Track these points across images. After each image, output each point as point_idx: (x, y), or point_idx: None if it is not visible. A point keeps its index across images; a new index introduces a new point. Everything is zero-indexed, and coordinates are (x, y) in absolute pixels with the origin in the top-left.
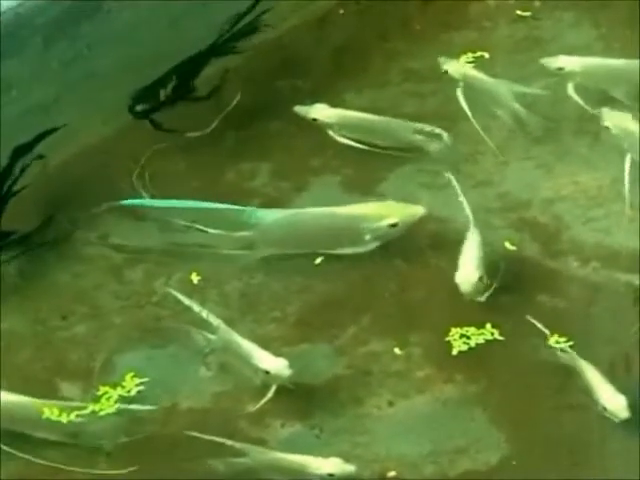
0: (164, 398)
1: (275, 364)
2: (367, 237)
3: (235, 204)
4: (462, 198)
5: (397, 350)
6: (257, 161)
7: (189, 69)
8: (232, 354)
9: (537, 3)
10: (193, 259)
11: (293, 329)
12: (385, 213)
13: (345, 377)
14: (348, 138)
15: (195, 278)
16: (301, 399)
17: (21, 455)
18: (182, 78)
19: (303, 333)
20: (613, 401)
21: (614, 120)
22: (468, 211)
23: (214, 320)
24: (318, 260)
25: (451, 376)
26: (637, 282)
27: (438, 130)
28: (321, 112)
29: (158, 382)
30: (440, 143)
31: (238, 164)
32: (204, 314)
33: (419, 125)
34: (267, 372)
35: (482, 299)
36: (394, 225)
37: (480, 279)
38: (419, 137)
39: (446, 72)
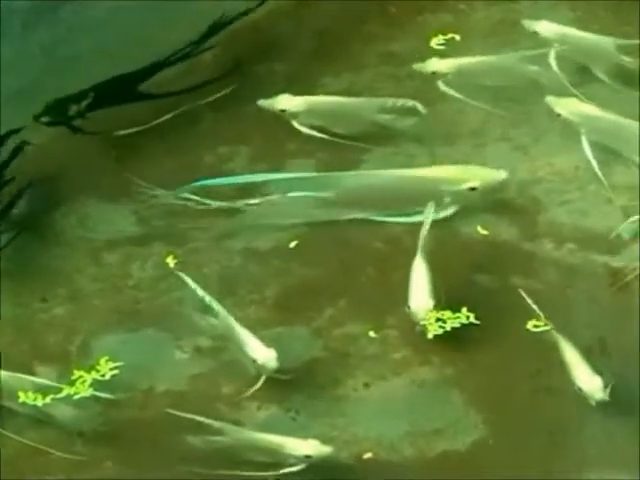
0: (141, 381)
1: (263, 354)
2: (447, 200)
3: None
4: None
5: (372, 333)
6: (235, 144)
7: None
8: (229, 339)
9: None
10: (171, 242)
11: (271, 312)
12: (465, 176)
13: (322, 359)
14: (315, 127)
15: (172, 261)
16: (278, 382)
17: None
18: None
19: (281, 316)
20: (589, 382)
21: (564, 106)
22: (422, 236)
23: (216, 305)
24: (293, 244)
25: (427, 358)
26: (613, 264)
27: (411, 103)
28: (287, 102)
29: (134, 365)
30: (412, 120)
31: (216, 147)
32: (207, 299)
33: (391, 100)
34: (254, 361)
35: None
36: (474, 189)
37: (435, 307)
38: (389, 117)
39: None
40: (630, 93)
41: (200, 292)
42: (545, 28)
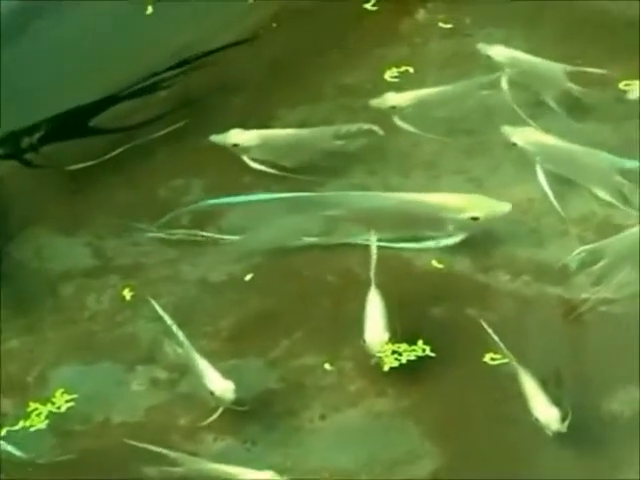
0: (97, 413)
1: (220, 386)
2: (450, 227)
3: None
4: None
5: (328, 365)
6: (189, 177)
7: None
8: (186, 371)
9: (468, 19)
10: (126, 274)
11: (226, 343)
12: (469, 205)
13: (277, 391)
14: (267, 161)
15: (128, 293)
16: (234, 413)
17: None
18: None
19: (236, 347)
20: (546, 413)
21: (520, 136)
22: (372, 274)
23: (180, 335)
24: (248, 277)
25: (383, 390)
26: (568, 295)
27: (367, 126)
28: (239, 136)
29: (91, 397)
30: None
31: (171, 180)
32: (174, 328)
33: (346, 127)
34: (212, 392)
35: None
36: (476, 218)
37: (389, 339)
38: (344, 143)
39: None
40: (577, 121)
41: (168, 321)
42: (498, 52)
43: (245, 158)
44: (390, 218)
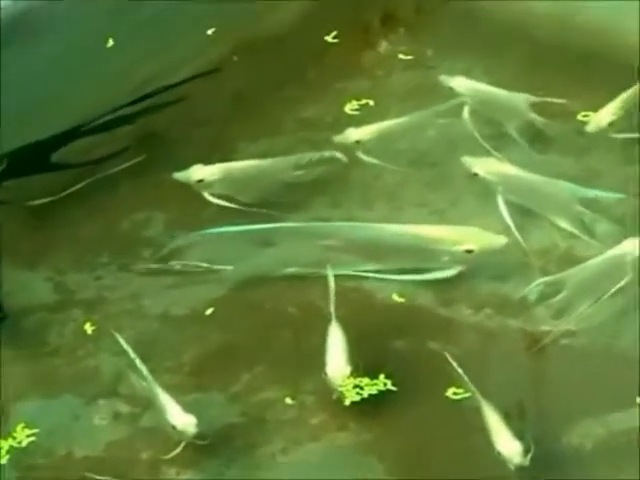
0: (58, 447)
1: (182, 420)
2: (445, 259)
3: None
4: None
5: (289, 399)
6: (151, 210)
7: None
8: (148, 405)
9: (429, 52)
10: (88, 309)
11: (187, 378)
12: (464, 238)
13: (239, 425)
14: (228, 196)
15: (89, 328)
16: (196, 447)
17: None
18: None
19: (197, 381)
20: (508, 447)
21: (481, 166)
22: (332, 307)
23: (143, 369)
24: (209, 311)
25: (345, 424)
26: (530, 328)
27: (329, 153)
28: (201, 172)
29: (52, 432)
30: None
31: (133, 213)
32: (137, 362)
33: (308, 155)
34: (174, 427)
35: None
36: (470, 251)
37: (351, 373)
38: (301, 173)
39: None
40: (539, 152)
41: (132, 355)
42: (460, 84)
43: (205, 194)
44: (383, 250)
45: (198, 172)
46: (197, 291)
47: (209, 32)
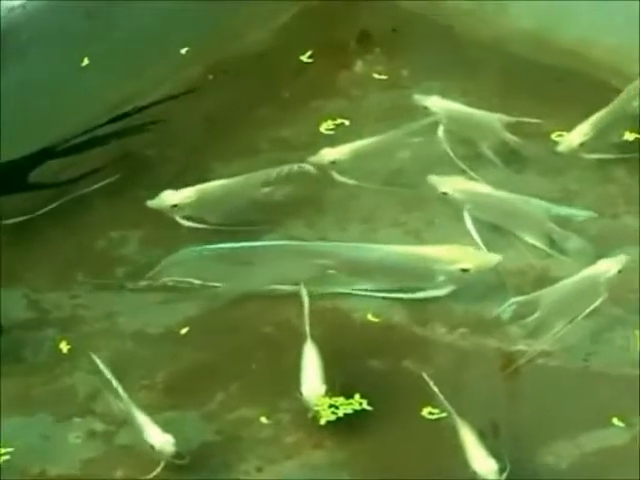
0: (32, 466)
1: (160, 440)
2: (440, 278)
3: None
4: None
5: (264, 419)
6: (127, 229)
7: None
8: (124, 424)
9: (405, 72)
10: (64, 327)
11: (162, 396)
12: (459, 257)
13: (214, 443)
14: (199, 219)
15: (65, 347)
16: (171, 466)
17: None
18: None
19: (172, 400)
20: (484, 465)
21: (449, 185)
22: (307, 327)
23: (120, 390)
24: (184, 330)
25: (320, 442)
26: (504, 347)
27: (297, 166)
28: (173, 197)
29: (27, 450)
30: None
31: (108, 232)
32: (114, 383)
33: (276, 170)
34: (152, 447)
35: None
36: (466, 270)
37: (326, 392)
38: (269, 190)
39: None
40: (515, 172)
41: (108, 375)
42: (435, 103)
43: (178, 218)
44: (378, 270)
45: (170, 197)
46: (173, 310)
47: (183, 51)
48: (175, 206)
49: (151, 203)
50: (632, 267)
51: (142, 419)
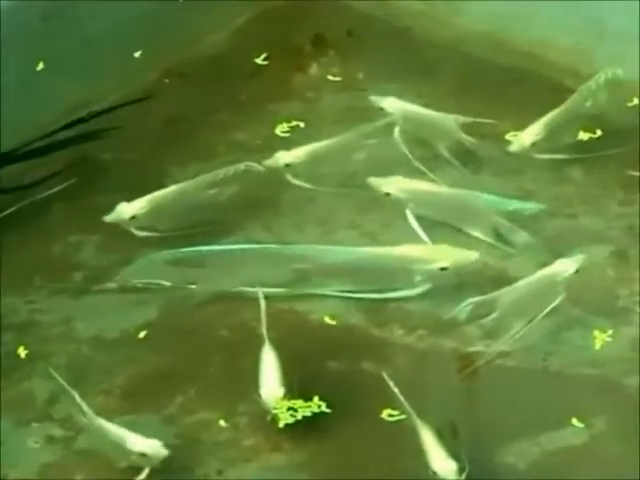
0: None
1: (150, 445)
2: (418, 278)
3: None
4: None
5: (223, 422)
6: (84, 234)
7: None
8: (100, 439)
9: (360, 74)
10: (21, 332)
11: (120, 400)
12: (437, 256)
13: (174, 447)
14: (153, 228)
15: (23, 352)
16: (131, 469)
17: None
18: None
19: (130, 404)
20: (443, 466)
21: (390, 185)
22: (264, 329)
23: (84, 405)
24: (142, 334)
25: (279, 445)
26: (462, 349)
27: (243, 166)
28: (129, 209)
29: None
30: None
31: (66, 237)
32: (77, 397)
33: (223, 171)
34: (144, 454)
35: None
36: (444, 268)
37: (284, 395)
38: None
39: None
40: (472, 172)
41: (71, 391)
42: (391, 104)
43: (132, 230)
44: (356, 271)
45: (126, 209)
46: (130, 314)
47: (136, 55)
48: (133, 218)
49: (108, 218)
50: (590, 267)
51: (121, 431)
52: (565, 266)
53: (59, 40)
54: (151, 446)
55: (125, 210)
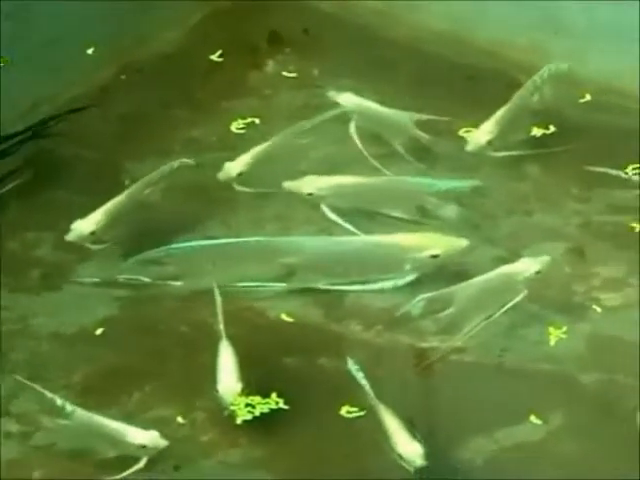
0: None
1: (149, 437)
2: (407, 267)
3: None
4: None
5: (180, 418)
6: (41, 231)
7: None
8: (92, 436)
9: (316, 71)
10: None
11: (79, 397)
12: (428, 244)
13: None
14: (114, 237)
15: None
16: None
17: None
18: None
19: (89, 400)
20: (409, 448)
21: (308, 186)
22: (221, 326)
23: (68, 406)
24: (99, 331)
25: (236, 441)
26: (418, 344)
27: (177, 163)
28: (86, 225)
29: None
30: None
31: (22, 233)
32: (58, 402)
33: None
34: (144, 446)
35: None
36: (435, 256)
37: (242, 390)
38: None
39: None
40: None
41: (49, 394)
42: (347, 100)
43: (89, 245)
44: (345, 262)
45: (83, 226)
46: (88, 311)
47: (89, 52)
48: (93, 233)
49: (68, 237)
50: (548, 264)
51: (115, 425)
52: (527, 266)
53: (19, 39)
54: (151, 438)
55: (83, 227)
